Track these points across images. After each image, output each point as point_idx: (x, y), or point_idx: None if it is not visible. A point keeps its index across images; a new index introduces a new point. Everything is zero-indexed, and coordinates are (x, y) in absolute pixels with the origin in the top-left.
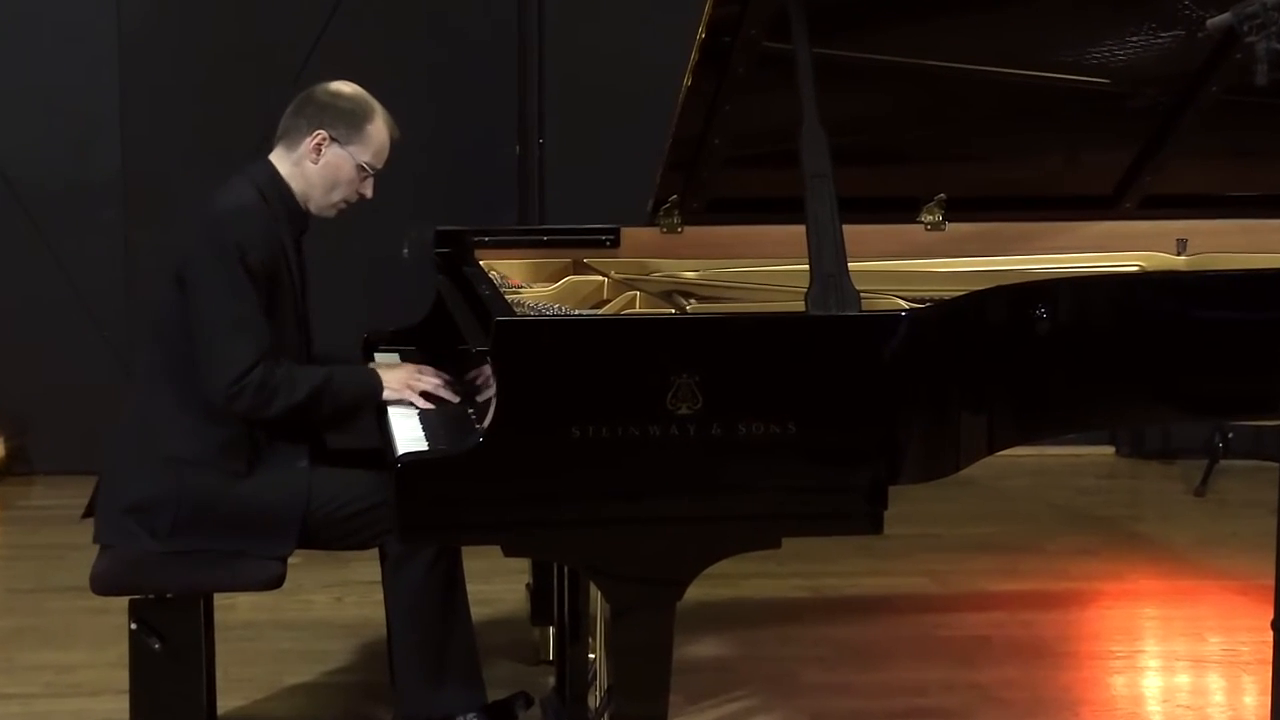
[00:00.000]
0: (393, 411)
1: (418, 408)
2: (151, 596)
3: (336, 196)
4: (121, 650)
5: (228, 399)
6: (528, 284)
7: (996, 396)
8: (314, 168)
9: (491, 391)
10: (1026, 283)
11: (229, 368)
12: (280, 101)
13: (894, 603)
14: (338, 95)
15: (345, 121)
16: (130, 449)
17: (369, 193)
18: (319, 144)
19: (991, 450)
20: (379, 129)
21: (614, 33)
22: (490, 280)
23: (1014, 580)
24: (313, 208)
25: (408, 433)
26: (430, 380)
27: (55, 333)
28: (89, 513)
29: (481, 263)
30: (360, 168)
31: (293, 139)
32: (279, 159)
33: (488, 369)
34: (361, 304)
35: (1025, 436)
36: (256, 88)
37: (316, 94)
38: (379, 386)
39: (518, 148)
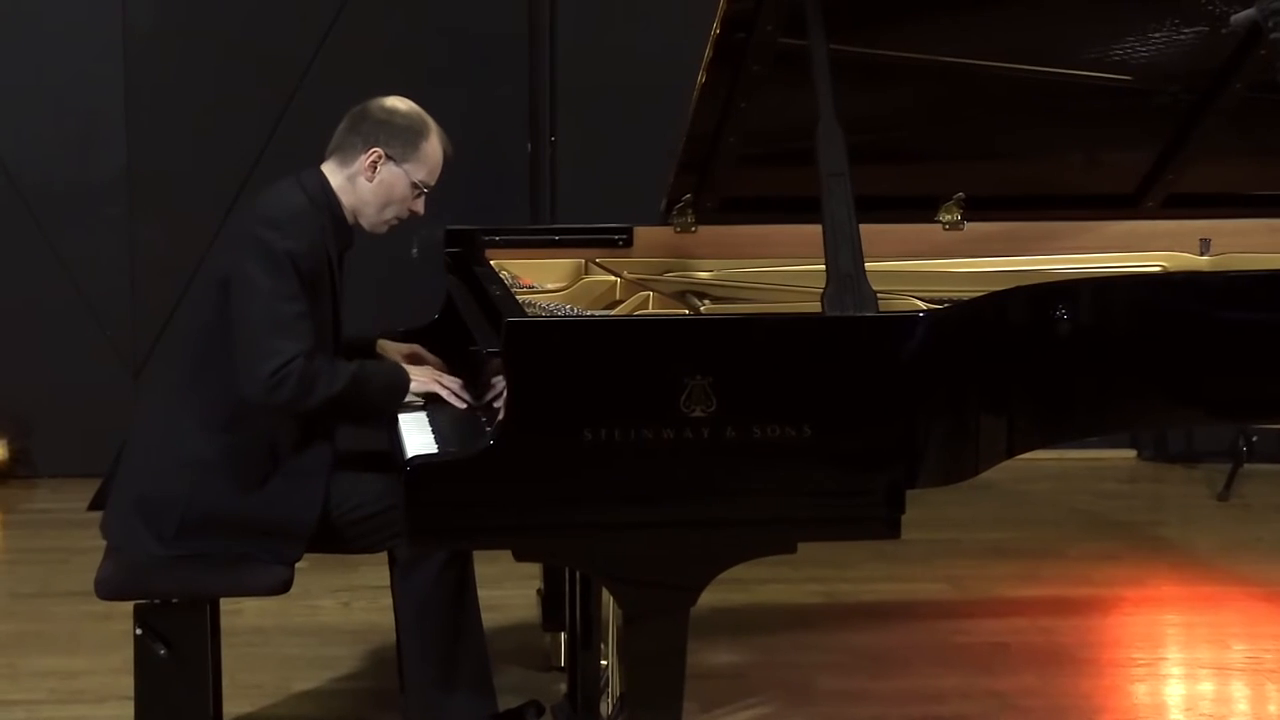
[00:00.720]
0: (402, 414)
1: (446, 403)
2: (157, 601)
3: (389, 214)
4: (126, 656)
5: (268, 389)
6: (539, 284)
7: (1016, 399)
8: (368, 185)
9: (502, 393)
10: (1047, 283)
11: (270, 359)
12: (286, 99)
13: (911, 609)
14: (394, 112)
15: (401, 139)
16: (145, 449)
17: (420, 209)
18: (374, 162)
19: (1011, 454)
20: (434, 147)
21: (627, 28)
22: (501, 280)
23: (1034, 586)
24: (365, 224)
25: (417, 435)
26: (453, 380)
27: (59, 333)
28: (97, 505)
29: (492, 262)
30: (414, 185)
31: (347, 155)
32: (331, 172)
33: (498, 370)
34: (370, 304)
35: (1046, 439)
36: (262, 85)
37: (372, 110)
38: (407, 377)
39: (529, 145)
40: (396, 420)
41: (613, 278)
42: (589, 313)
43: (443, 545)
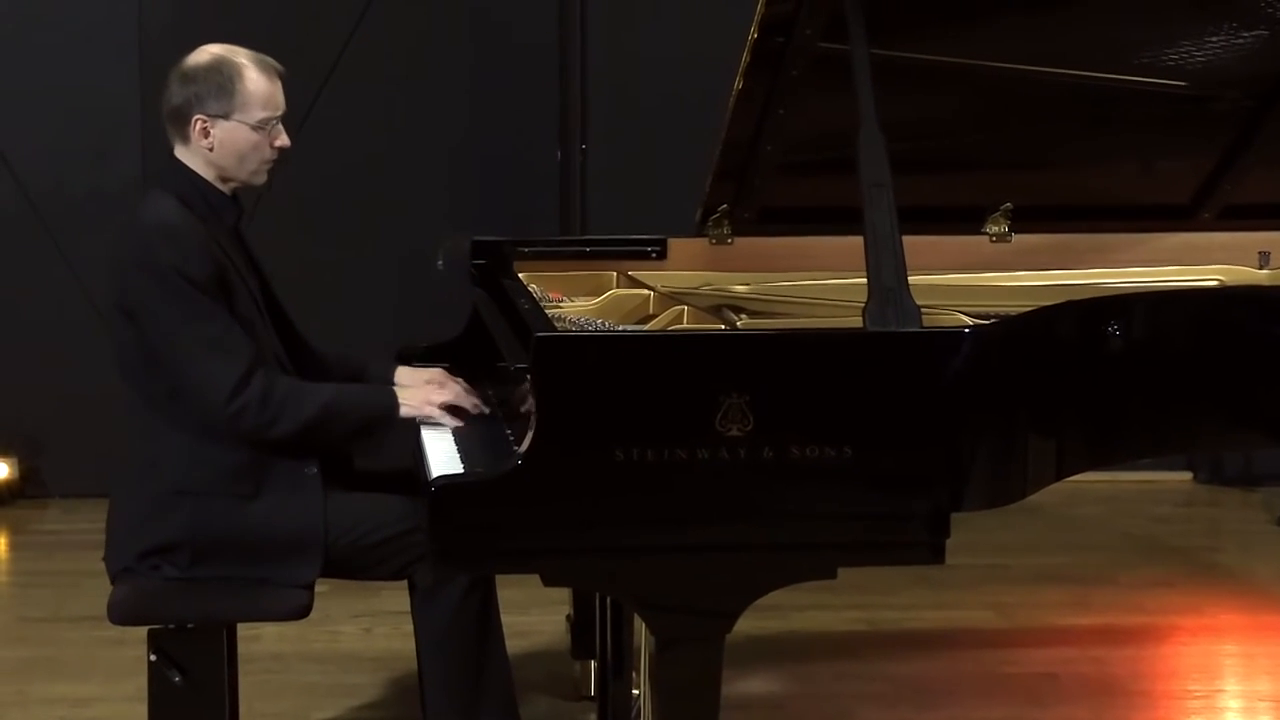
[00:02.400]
0: (426, 432)
1: (445, 425)
2: (172, 626)
3: (252, 164)
4: (140, 683)
5: (229, 420)
6: (569, 298)
7: (1066, 419)
8: (211, 153)
9: (531, 411)
10: (1098, 298)
11: (219, 389)
12: (307, 105)
13: (956, 637)
14: (195, 71)
15: (214, 95)
16: (134, 486)
17: (284, 141)
18: (202, 128)
19: (1060, 476)
20: (253, 81)
21: (662, 32)
22: (529, 294)
23: (1085, 614)
24: (239, 183)
25: (442, 454)
26: (451, 391)
27: (71, 348)
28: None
29: (520, 275)
30: (255, 128)
31: (179, 130)
32: (182, 154)
33: (526, 387)
34: (393, 318)
35: (1097, 461)
36: (285, 88)
37: (176, 77)
38: (395, 404)
39: (559, 153)
40: (421, 437)
41: (646, 291)
42: (621, 327)
43: (469, 569)
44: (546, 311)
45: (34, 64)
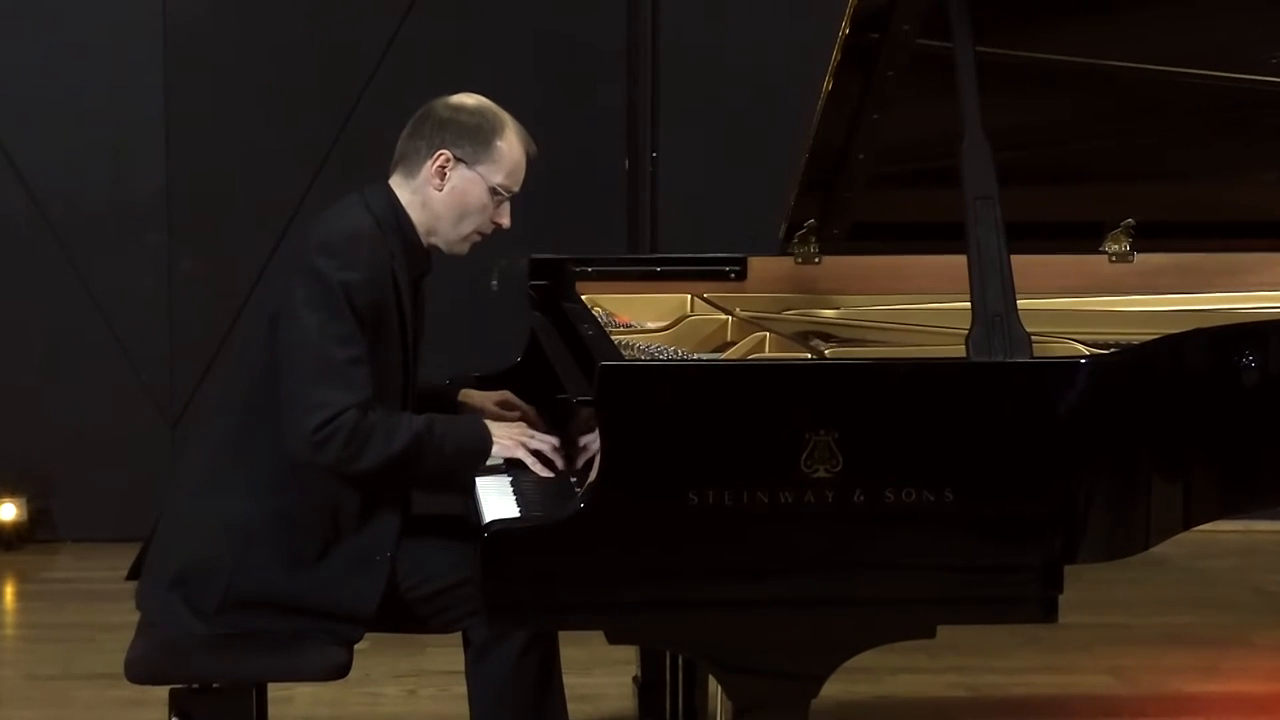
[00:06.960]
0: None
1: (529, 470)
2: (195, 686)
3: (467, 227)
4: None
5: (312, 447)
6: (638, 323)
7: (1194, 460)
8: (438, 195)
9: (595, 449)
10: (1231, 325)
11: (316, 412)
12: (347, 110)
13: (1070, 705)
14: (460, 109)
15: (471, 138)
16: (187, 512)
17: (505, 221)
18: (442, 166)
19: (1188, 525)
20: (512, 145)
21: (741, 28)
22: (594, 318)
23: (1215, 680)
24: (441, 243)
25: (496, 497)
26: (546, 441)
27: (87, 377)
28: (135, 574)
29: (584, 297)
30: (493, 191)
31: (411, 163)
32: (398, 186)
33: (590, 422)
34: (443, 343)
35: (1229, 508)
36: (320, 94)
37: (436, 109)
38: (488, 439)
39: (627, 162)
40: (474, 479)
41: (723, 316)
42: (695, 356)
43: (525, 625)
44: (612, 338)
45: (50, 66)
